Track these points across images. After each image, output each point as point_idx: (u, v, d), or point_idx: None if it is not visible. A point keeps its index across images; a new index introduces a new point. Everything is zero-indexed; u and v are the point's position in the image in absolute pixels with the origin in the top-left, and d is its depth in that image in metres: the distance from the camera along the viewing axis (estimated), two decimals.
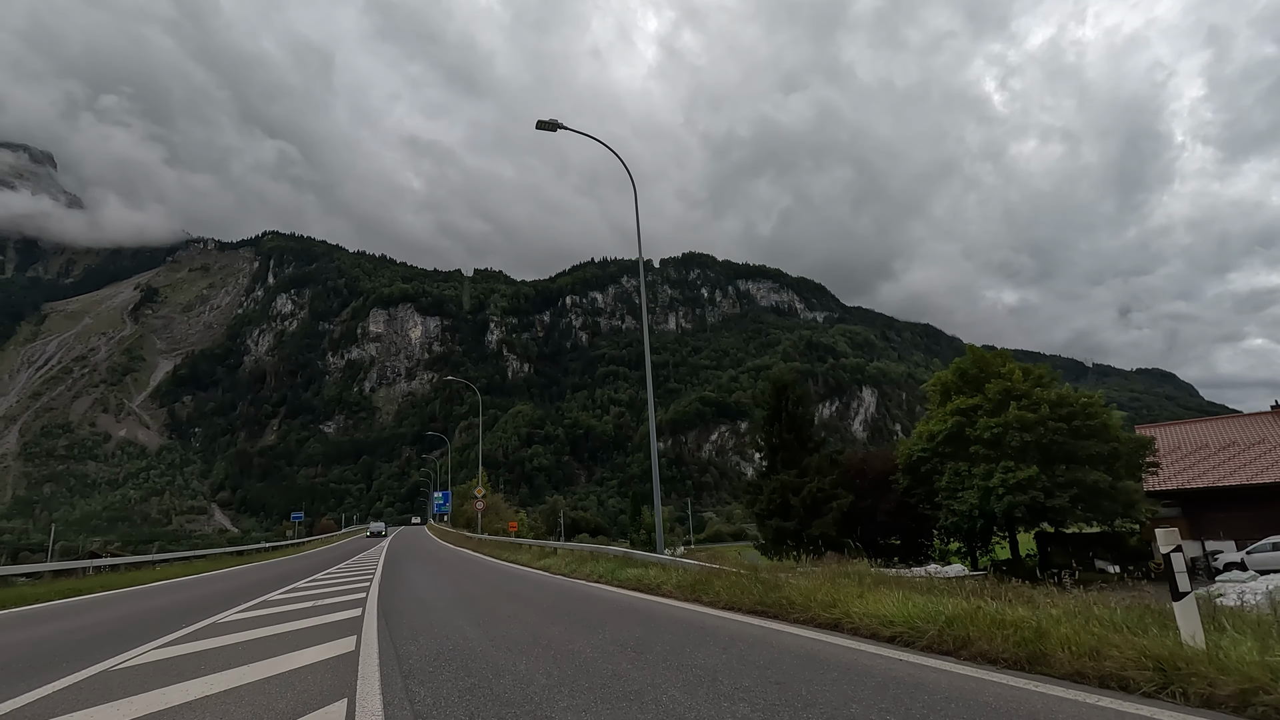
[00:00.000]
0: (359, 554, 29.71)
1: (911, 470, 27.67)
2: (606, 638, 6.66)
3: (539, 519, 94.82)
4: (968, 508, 23.91)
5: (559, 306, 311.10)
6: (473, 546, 32.49)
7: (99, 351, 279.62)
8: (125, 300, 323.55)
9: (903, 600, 6.46)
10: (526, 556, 21.62)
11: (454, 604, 10.16)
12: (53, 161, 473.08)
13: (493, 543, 29.87)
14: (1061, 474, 23.31)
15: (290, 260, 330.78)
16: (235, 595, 12.91)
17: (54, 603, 13.56)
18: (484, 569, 18.55)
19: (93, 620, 10.10)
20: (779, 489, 29.47)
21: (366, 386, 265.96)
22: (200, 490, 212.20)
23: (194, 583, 17.71)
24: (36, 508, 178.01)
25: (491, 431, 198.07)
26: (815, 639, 6.25)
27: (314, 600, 11.20)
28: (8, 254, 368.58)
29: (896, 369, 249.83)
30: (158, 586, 16.92)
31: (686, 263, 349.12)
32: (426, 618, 8.59)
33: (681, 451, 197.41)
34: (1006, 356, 28.92)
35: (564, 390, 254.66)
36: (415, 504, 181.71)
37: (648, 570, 12.59)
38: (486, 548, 29.01)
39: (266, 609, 10.30)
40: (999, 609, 5.68)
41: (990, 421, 24.55)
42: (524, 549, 24.47)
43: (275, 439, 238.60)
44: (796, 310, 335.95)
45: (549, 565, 17.66)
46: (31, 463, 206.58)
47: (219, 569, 23.73)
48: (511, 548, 26.44)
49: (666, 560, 12.91)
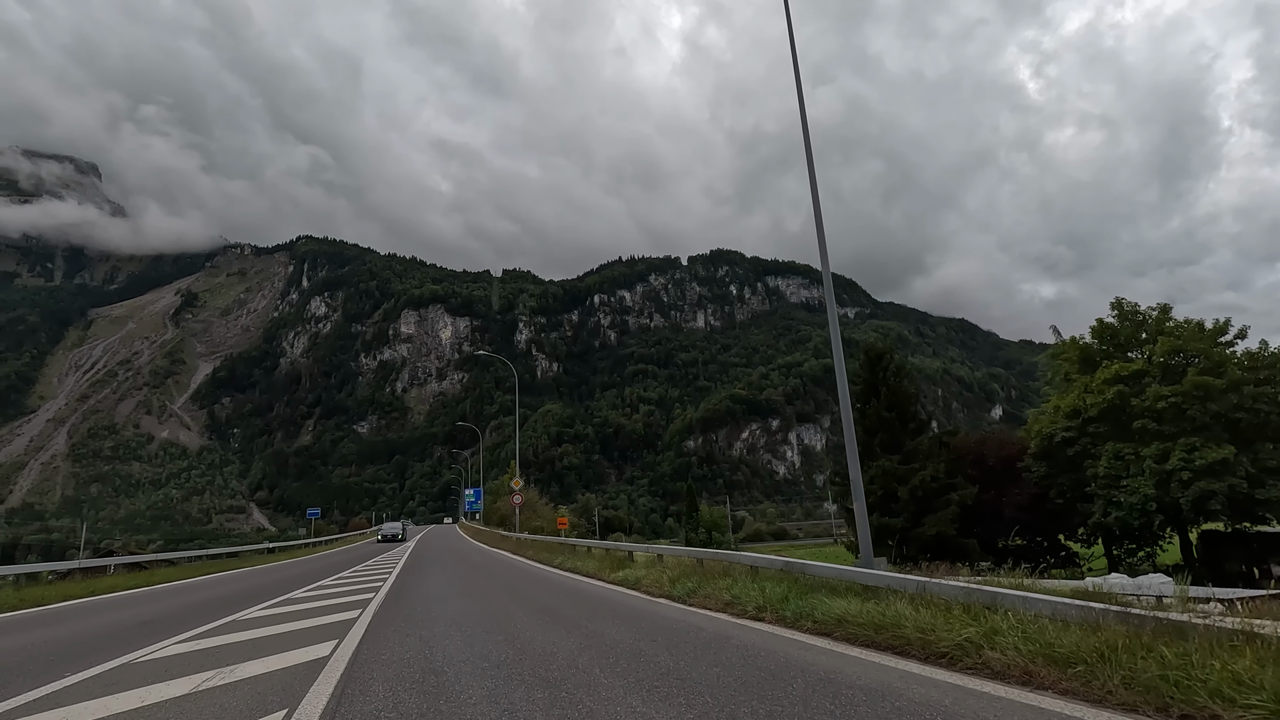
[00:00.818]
0: (371, 559, 24.71)
1: (1048, 455, 23.07)
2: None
3: (578, 518, 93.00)
4: (1139, 499, 19.13)
5: (587, 305, 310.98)
6: (510, 548, 27.55)
7: (142, 355, 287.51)
8: (167, 305, 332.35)
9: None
10: (590, 564, 16.05)
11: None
12: (97, 172, 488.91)
13: (535, 543, 25.47)
14: (1271, 456, 18.43)
15: (323, 263, 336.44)
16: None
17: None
18: (533, 581, 13.77)
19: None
20: (881, 477, 24.73)
21: (399, 387, 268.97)
22: (239, 490, 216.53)
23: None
24: (84, 507, 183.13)
25: (522, 431, 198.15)
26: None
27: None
28: (56, 262, 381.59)
29: (931, 364, 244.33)
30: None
31: (715, 260, 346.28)
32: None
33: (712, 450, 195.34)
34: (1166, 311, 23.25)
35: (593, 389, 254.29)
36: (447, 503, 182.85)
37: (880, 606, 6.57)
38: (528, 550, 24.30)
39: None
40: None
41: (1163, 390, 19.73)
42: (579, 552, 18.99)
43: (311, 439, 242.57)
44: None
45: (636, 580, 12.06)
46: (79, 463, 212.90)
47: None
48: (561, 550, 20.86)
49: (899, 583, 7.00)
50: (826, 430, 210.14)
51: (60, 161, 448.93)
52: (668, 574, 11.56)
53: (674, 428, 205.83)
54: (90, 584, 16.85)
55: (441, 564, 20.05)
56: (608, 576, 13.48)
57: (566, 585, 12.75)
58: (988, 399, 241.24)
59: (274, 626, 8.24)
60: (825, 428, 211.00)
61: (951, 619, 5.68)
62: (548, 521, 39.34)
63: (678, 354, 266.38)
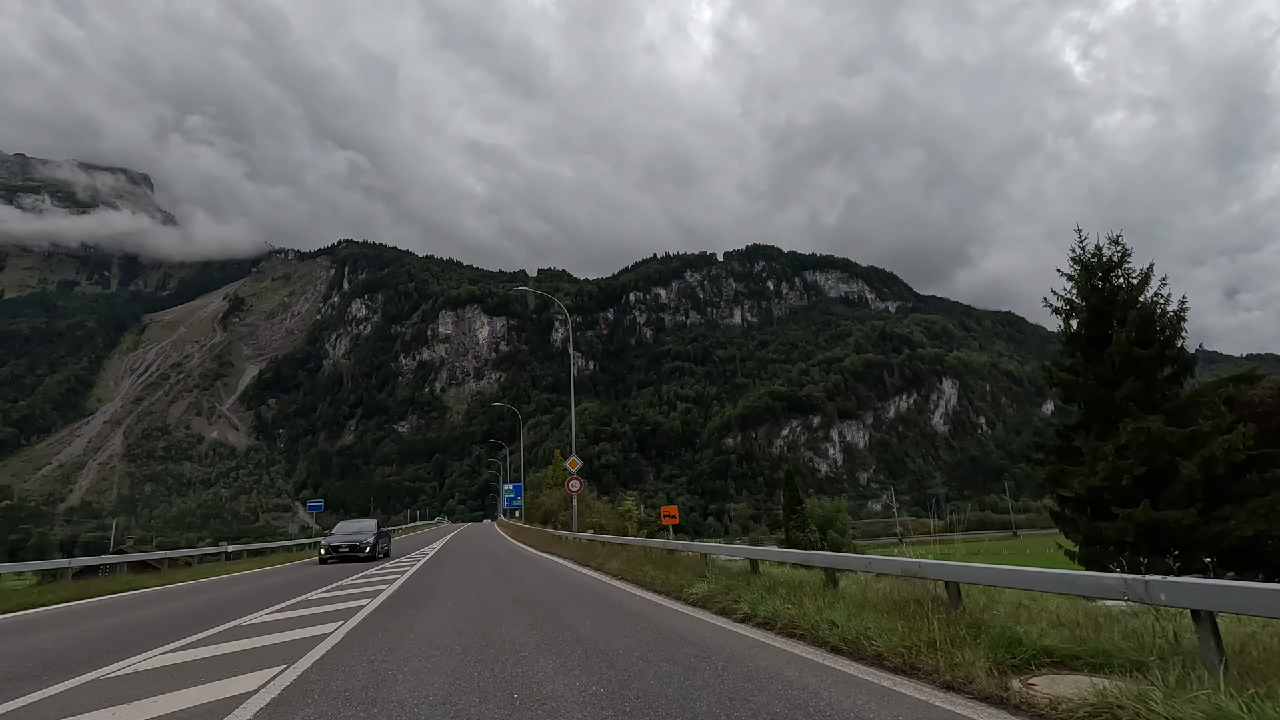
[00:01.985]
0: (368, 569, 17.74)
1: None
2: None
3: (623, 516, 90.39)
4: None
5: (622, 303, 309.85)
6: (572, 555, 19.09)
7: (192, 358, 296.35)
8: (215, 310, 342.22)
9: None
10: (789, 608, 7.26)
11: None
12: (149, 182, 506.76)
13: (613, 550, 16.76)
14: None
15: (363, 266, 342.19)
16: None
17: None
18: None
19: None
20: (1138, 446, 15.20)
21: (437, 387, 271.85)
22: (284, 488, 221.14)
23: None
24: (138, 505, 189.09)
25: (559, 429, 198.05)
26: None
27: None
28: (112, 270, 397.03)
29: (979, 358, 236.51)
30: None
31: (751, 255, 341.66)
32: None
33: (752, 447, 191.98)
34: None
35: (630, 387, 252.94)
36: (486, 501, 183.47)
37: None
38: (604, 559, 15.57)
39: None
40: None
41: None
42: (737, 576, 9.98)
43: (353, 439, 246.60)
44: (867, 300, 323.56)
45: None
46: (134, 463, 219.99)
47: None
48: (672, 565, 11.89)
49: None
50: (869, 427, 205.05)
51: (114, 173, 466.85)
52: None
53: (712, 425, 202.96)
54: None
55: (473, 592, 11.56)
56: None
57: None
58: (1038, 394, 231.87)
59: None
60: (868, 424, 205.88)
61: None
62: (604, 518, 33.59)
63: (715, 351, 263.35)
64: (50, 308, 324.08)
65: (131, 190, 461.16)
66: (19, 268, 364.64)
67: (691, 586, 9.38)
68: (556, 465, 54.79)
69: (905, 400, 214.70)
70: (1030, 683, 4.39)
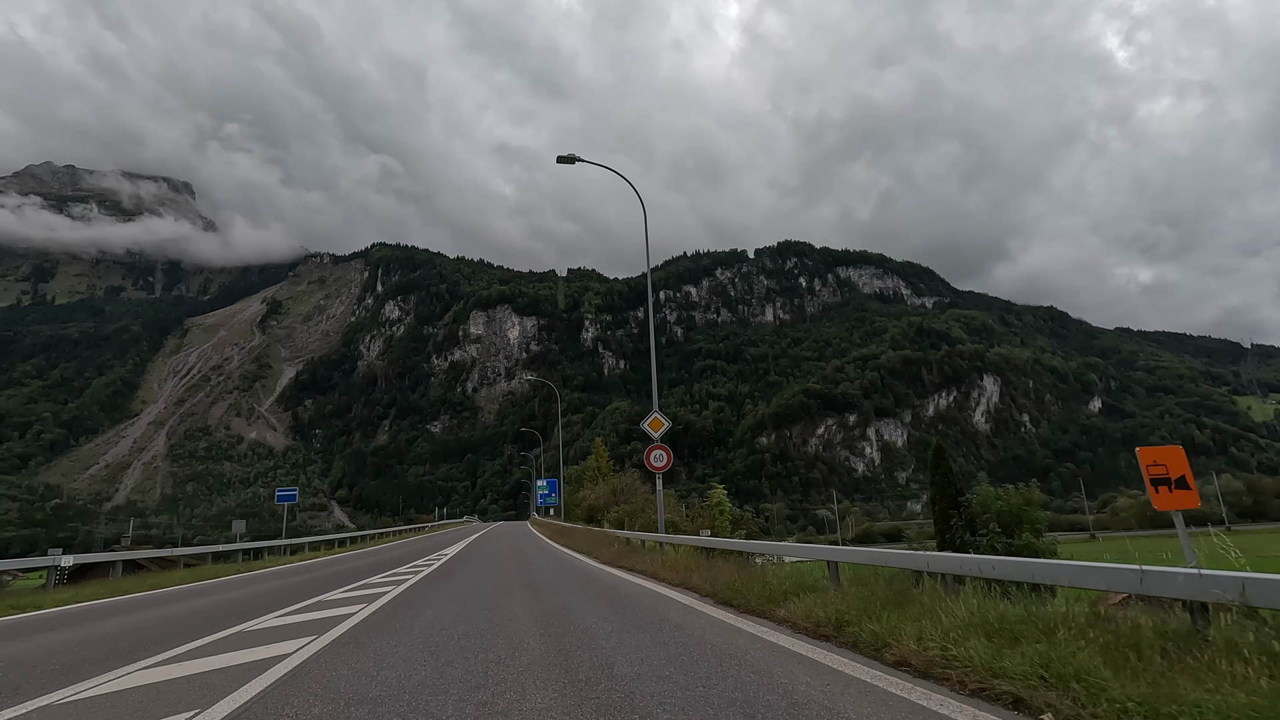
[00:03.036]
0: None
1: None
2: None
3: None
4: None
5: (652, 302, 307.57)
6: (693, 583, 9.80)
7: (232, 361, 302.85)
8: (254, 313, 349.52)
9: None
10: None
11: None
12: (191, 190, 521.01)
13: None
14: None
15: (396, 269, 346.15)
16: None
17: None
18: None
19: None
20: None
21: (469, 387, 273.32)
22: (321, 488, 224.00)
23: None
24: (180, 504, 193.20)
25: (590, 429, 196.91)
26: None
27: None
28: (156, 276, 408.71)
29: (1021, 354, 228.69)
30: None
31: (782, 252, 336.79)
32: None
33: (786, 446, 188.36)
34: None
35: (660, 386, 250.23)
36: (518, 500, 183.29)
37: None
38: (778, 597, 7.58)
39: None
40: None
41: None
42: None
43: (387, 439, 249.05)
44: (903, 296, 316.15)
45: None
46: (177, 463, 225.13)
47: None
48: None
49: None
50: (907, 425, 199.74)
51: (156, 181, 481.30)
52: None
53: (745, 424, 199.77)
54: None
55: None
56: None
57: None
58: (1085, 390, 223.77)
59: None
60: (906, 422, 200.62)
61: None
62: (673, 515, 23.99)
63: (746, 349, 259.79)
64: (98, 313, 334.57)
65: (174, 198, 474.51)
66: (69, 274, 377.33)
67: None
68: (598, 456, 49.45)
69: (945, 398, 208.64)
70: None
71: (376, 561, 20.23)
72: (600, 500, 35.09)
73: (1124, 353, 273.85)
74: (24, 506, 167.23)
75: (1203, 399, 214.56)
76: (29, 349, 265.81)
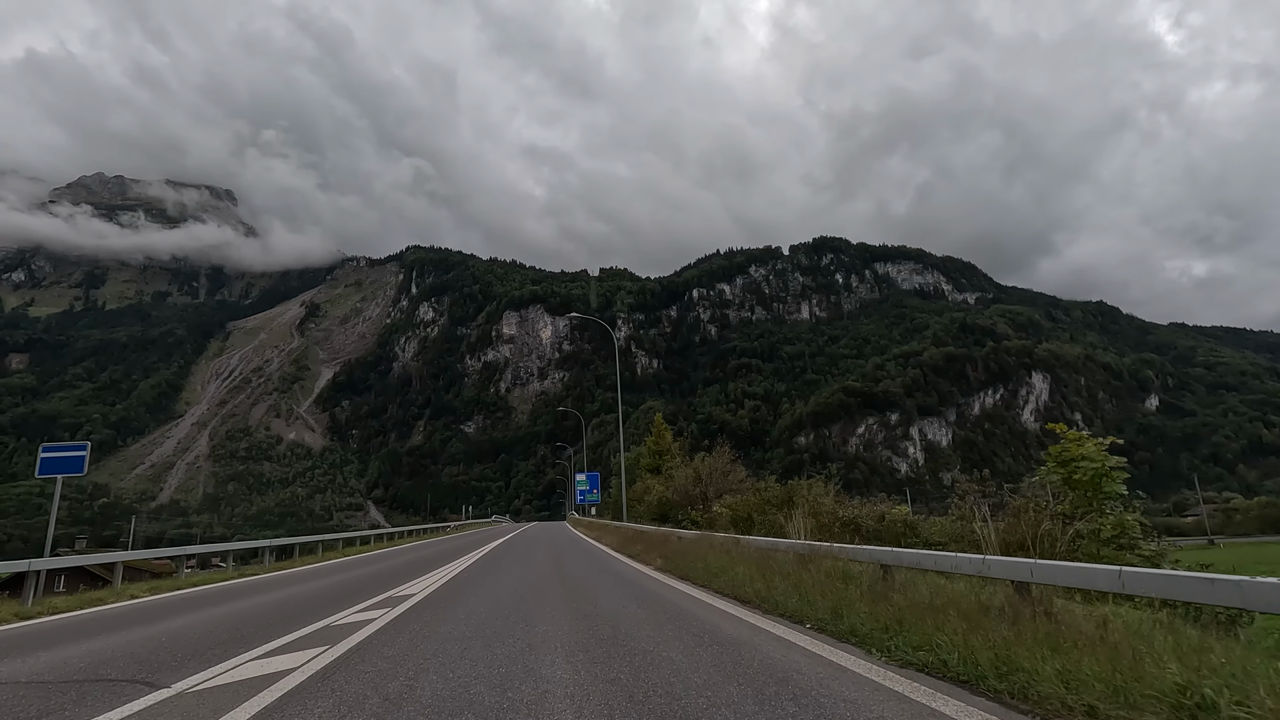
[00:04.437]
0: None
1: None
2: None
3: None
4: None
5: (686, 300, 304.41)
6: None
7: (272, 363, 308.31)
8: (293, 316, 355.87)
9: None
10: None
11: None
12: (233, 197, 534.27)
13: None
14: None
15: (430, 271, 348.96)
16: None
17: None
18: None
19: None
20: None
21: (502, 387, 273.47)
22: (357, 488, 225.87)
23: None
24: (221, 504, 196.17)
25: (624, 428, 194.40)
26: None
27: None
28: (200, 281, 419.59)
29: (1072, 350, 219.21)
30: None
31: (818, 248, 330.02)
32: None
33: (826, 446, 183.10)
34: None
35: (695, 385, 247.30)
36: (551, 501, 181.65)
37: None
38: None
39: None
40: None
41: None
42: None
43: (421, 439, 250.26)
44: (943, 292, 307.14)
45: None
46: (219, 463, 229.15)
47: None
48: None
49: None
50: (952, 424, 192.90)
51: (199, 189, 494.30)
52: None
53: (782, 423, 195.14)
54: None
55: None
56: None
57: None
58: (1141, 388, 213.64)
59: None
60: (950, 421, 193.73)
61: None
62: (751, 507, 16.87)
63: (782, 347, 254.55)
64: (145, 317, 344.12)
65: (216, 205, 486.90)
66: (118, 280, 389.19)
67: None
68: (660, 436, 39.67)
69: (991, 395, 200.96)
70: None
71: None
72: (679, 491, 26.77)
73: (1180, 349, 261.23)
74: (73, 505, 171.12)
75: (1269, 396, 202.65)
76: (80, 353, 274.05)
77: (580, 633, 6.70)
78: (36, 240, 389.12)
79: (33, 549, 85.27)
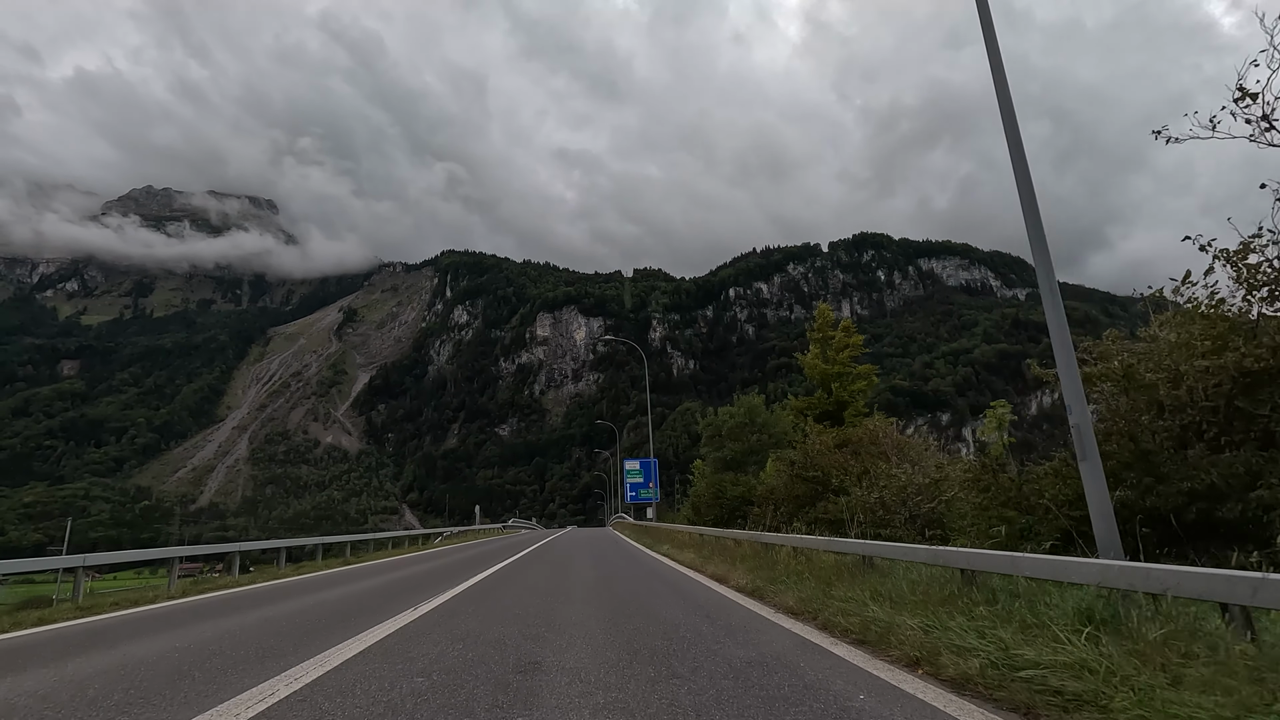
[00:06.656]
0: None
1: None
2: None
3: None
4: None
5: (722, 300, 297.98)
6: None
7: (310, 367, 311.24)
8: (331, 322, 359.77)
9: None
10: None
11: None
12: (273, 206, 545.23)
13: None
14: None
15: (464, 274, 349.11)
16: None
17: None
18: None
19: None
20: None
21: (536, 389, 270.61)
22: (392, 491, 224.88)
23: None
24: (259, 507, 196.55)
25: (660, 430, 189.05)
26: None
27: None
28: (243, 288, 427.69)
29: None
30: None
31: (858, 244, 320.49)
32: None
33: None
34: None
35: (732, 385, 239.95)
36: (587, 505, 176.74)
37: None
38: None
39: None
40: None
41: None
42: None
43: (456, 442, 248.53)
44: (991, 288, 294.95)
45: None
46: (257, 466, 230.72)
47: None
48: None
49: None
50: (1008, 424, 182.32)
51: (240, 199, 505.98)
52: None
53: None
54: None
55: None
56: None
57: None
58: None
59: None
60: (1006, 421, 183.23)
61: None
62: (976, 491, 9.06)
63: None
64: (190, 324, 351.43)
65: (257, 213, 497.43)
66: (165, 289, 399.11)
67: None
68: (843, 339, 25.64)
69: (1050, 394, 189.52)
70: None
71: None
72: (806, 476, 15.87)
73: None
74: (115, 508, 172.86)
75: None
76: (127, 359, 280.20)
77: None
78: (89, 251, 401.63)
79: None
